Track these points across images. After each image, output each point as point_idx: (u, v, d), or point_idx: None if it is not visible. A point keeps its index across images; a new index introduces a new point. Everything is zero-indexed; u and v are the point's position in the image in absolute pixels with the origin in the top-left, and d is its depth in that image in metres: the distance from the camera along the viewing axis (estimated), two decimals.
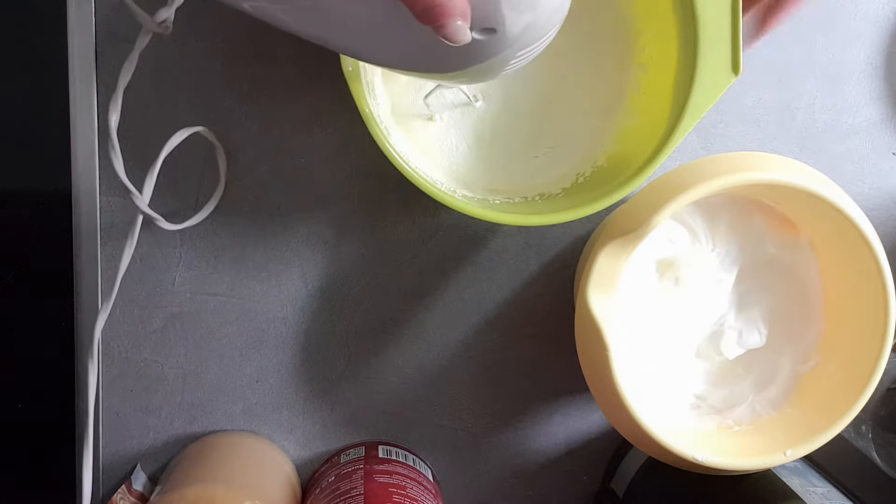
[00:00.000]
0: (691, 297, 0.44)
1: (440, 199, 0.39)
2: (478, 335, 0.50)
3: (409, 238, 0.49)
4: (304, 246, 0.48)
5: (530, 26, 0.29)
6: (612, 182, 0.41)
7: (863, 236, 0.38)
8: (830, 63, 0.49)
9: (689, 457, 0.39)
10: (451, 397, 0.50)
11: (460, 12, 0.26)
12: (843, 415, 0.39)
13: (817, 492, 0.41)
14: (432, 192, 0.39)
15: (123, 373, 0.48)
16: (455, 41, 0.26)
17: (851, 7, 0.49)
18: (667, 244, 0.43)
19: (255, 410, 0.49)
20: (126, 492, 0.46)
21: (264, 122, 0.47)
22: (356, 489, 0.44)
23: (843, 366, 0.41)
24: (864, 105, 0.50)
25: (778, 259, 0.44)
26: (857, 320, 0.41)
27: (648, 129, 0.42)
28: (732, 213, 0.43)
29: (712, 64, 0.39)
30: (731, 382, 0.44)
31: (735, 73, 0.39)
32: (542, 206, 0.42)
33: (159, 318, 0.48)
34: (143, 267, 0.48)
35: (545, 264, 0.49)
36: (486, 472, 0.51)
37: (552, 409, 0.51)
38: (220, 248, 0.48)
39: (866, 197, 0.50)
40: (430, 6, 0.25)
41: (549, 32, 0.31)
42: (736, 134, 0.49)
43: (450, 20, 0.26)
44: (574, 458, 0.51)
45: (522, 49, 0.31)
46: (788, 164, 0.40)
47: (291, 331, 0.49)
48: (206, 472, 0.44)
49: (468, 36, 0.27)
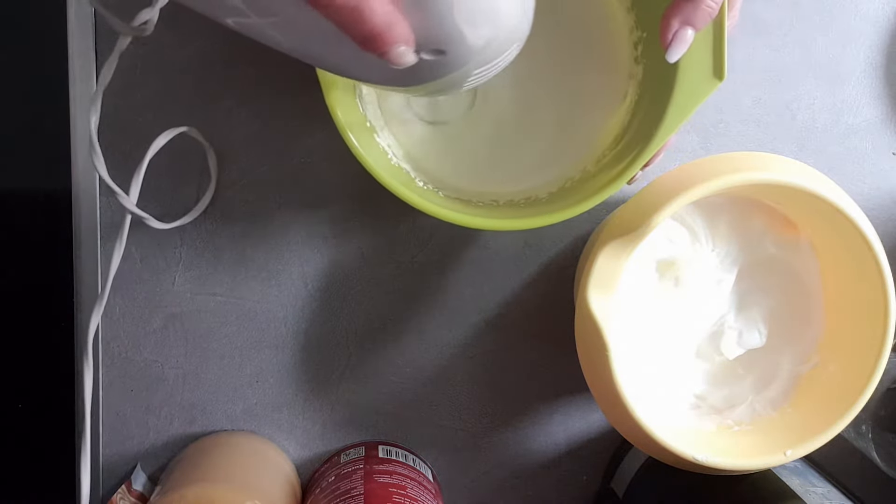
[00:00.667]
0: (691, 297, 0.44)
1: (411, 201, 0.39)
2: (478, 335, 0.50)
3: (409, 238, 0.49)
4: (304, 246, 0.48)
5: (487, 45, 0.29)
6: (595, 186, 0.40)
7: (863, 236, 0.38)
8: (830, 63, 0.49)
9: (689, 457, 0.39)
10: (451, 397, 0.50)
11: (402, 39, 0.26)
12: (843, 415, 0.39)
13: (817, 492, 0.41)
14: (402, 194, 0.39)
15: (123, 373, 0.48)
16: (399, 65, 0.27)
17: (851, 7, 0.49)
18: (667, 244, 0.43)
19: (255, 410, 0.49)
20: (126, 492, 0.46)
21: (264, 122, 0.47)
22: (356, 489, 0.44)
23: (843, 366, 0.41)
24: (864, 105, 0.50)
25: (778, 259, 0.44)
26: (857, 320, 0.41)
27: (638, 133, 0.41)
28: (732, 213, 0.43)
29: (695, 68, 0.38)
30: (731, 382, 0.44)
31: (719, 79, 0.38)
32: (525, 209, 0.42)
33: (159, 318, 0.48)
34: (143, 267, 0.48)
35: (545, 264, 0.49)
36: (486, 472, 0.51)
37: (552, 409, 0.51)
38: (220, 248, 0.48)
39: (866, 197, 0.50)
40: (369, 36, 0.26)
41: (509, 50, 0.31)
42: (736, 134, 0.49)
43: (391, 48, 0.26)
44: (574, 458, 0.51)
45: (481, 66, 0.31)
46: (788, 164, 0.40)
47: (291, 331, 0.49)
48: (206, 472, 0.44)
49: (413, 59, 0.27)
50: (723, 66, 0.38)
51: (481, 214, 0.41)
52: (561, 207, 0.40)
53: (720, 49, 0.37)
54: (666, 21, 0.36)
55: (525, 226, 0.40)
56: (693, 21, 0.35)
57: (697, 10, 0.35)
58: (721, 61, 0.38)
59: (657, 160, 0.41)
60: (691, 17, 0.35)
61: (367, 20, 0.25)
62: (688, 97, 0.38)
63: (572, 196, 0.41)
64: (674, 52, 0.36)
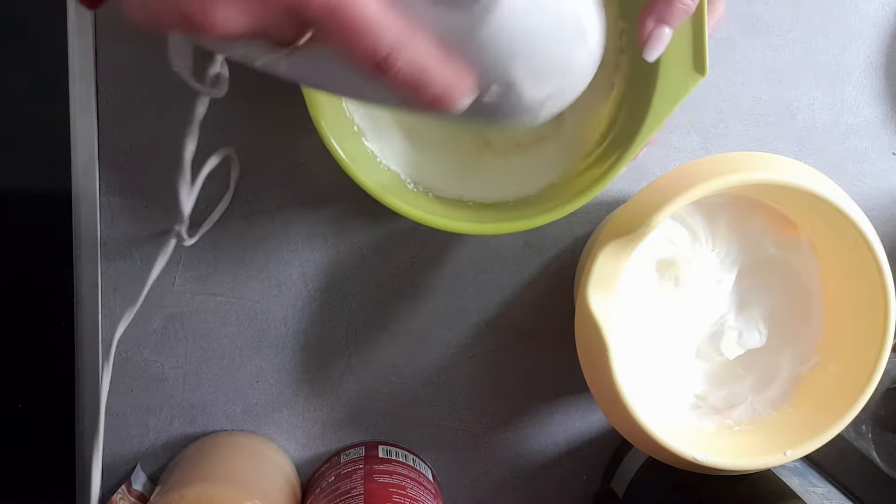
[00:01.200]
0: (691, 297, 0.44)
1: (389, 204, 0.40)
2: (478, 335, 0.50)
3: (408, 238, 0.49)
4: (304, 246, 0.48)
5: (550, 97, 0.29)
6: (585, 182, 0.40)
7: (863, 236, 0.38)
8: (830, 63, 0.49)
9: (689, 457, 0.39)
10: (451, 397, 0.50)
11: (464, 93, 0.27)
12: (843, 415, 0.39)
13: (817, 492, 0.41)
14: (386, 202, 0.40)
15: (123, 373, 0.48)
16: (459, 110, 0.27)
17: (851, 7, 0.49)
18: (667, 244, 0.43)
19: (255, 410, 0.49)
20: (126, 492, 0.46)
21: (264, 123, 0.47)
22: (356, 489, 0.44)
23: (843, 366, 0.41)
24: (864, 105, 0.50)
25: (778, 259, 0.44)
26: (857, 320, 0.41)
27: (624, 128, 0.41)
28: (732, 213, 0.43)
29: (676, 64, 0.38)
30: (731, 382, 0.44)
31: (700, 74, 0.38)
32: (519, 210, 0.42)
33: (159, 318, 0.48)
34: (143, 267, 0.48)
35: (545, 264, 0.49)
36: (486, 472, 0.51)
37: (552, 409, 0.51)
38: (220, 248, 0.48)
39: (866, 197, 0.50)
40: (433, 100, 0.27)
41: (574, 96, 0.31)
42: (736, 134, 0.49)
43: (454, 106, 0.27)
44: (574, 458, 0.51)
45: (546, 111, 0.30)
46: (788, 164, 0.40)
47: (291, 331, 0.49)
48: (206, 472, 0.44)
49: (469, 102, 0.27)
50: (704, 60, 0.38)
51: (471, 219, 0.41)
52: (553, 206, 0.40)
53: (700, 44, 0.37)
54: (641, 20, 0.36)
55: (519, 228, 0.40)
56: (668, 19, 0.35)
57: (672, 7, 0.35)
58: (702, 56, 0.37)
59: (641, 154, 0.41)
60: (666, 15, 0.35)
61: (431, 86, 0.26)
62: (671, 92, 0.38)
63: (563, 194, 0.41)
64: (651, 51, 0.36)
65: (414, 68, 0.26)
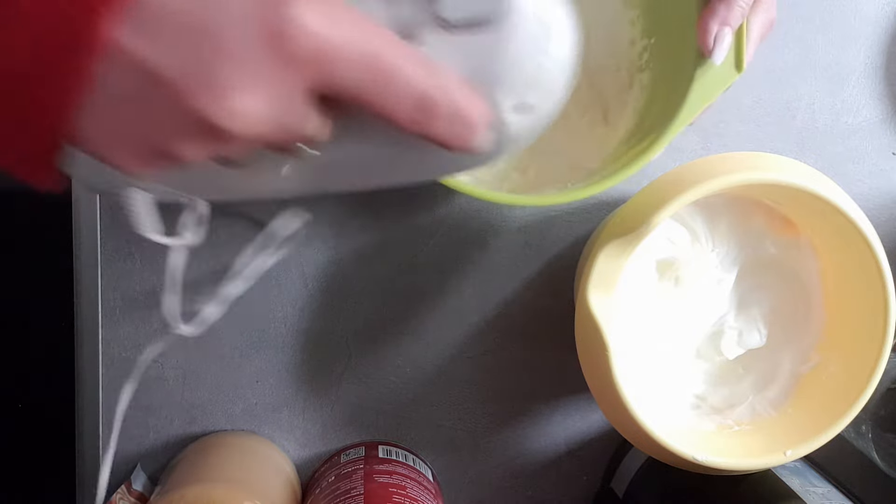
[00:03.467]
0: (691, 298, 0.44)
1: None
2: (478, 335, 0.50)
3: (409, 238, 0.49)
4: (304, 246, 0.48)
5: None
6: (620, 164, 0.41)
7: (863, 236, 0.38)
8: (830, 63, 0.49)
9: (689, 457, 0.39)
10: (451, 397, 0.50)
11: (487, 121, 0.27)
12: (843, 415, 0.39)
13: (817, 492, 0.41)
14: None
15: (123, 373, 0.48)
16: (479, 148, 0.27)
17: (851, 7, 0.49)
18: (667, 244, 0.43)
19: (255, 410, 0.49)
20: (126, 492, 0.46)
21: None
22: (356, 489, 0.44)
23: (843, 366, 0.41)
24: (864, 105, 0.50)
25: (778, 259, 0.44)
26: (856, 320, 0.41)
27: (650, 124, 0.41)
28: (732, 213, 0.43)
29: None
30: (731, 382, 0.44)
31: (738, 70, 0.39)
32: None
33: (159, 318, 0.48)
34: (143, 267, 0.48)
35: (545, 264, 0.49)
36: (486, 472, 0.51)
37: (552, 409, 0.51)
38: (220, 248, 0.48)
39: (866, 197, 0.50)
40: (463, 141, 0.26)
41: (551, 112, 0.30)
42: (735, 134, 0.49)
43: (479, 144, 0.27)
44: (574, 458, 0.51)
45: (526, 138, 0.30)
46: (788, 164, 0.40)
47: (291, 331, 0.49)
48: (206, 472, 0.44)
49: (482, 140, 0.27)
50: (742, 59, 0.39)
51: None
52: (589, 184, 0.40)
53: (741, 43, 0.38)
54: (704, 24, 0.37)
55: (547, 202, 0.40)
56: (730, 20, 0.37)
57: (732, 9, 0.36)
58: (741, 54, 0.38)
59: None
60: (728, 17, 0.37)
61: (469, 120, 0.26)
62: (706, 87, 0.39)
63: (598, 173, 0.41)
64: (718, 54, 0.37)
65: (452, 105, 0.25)
